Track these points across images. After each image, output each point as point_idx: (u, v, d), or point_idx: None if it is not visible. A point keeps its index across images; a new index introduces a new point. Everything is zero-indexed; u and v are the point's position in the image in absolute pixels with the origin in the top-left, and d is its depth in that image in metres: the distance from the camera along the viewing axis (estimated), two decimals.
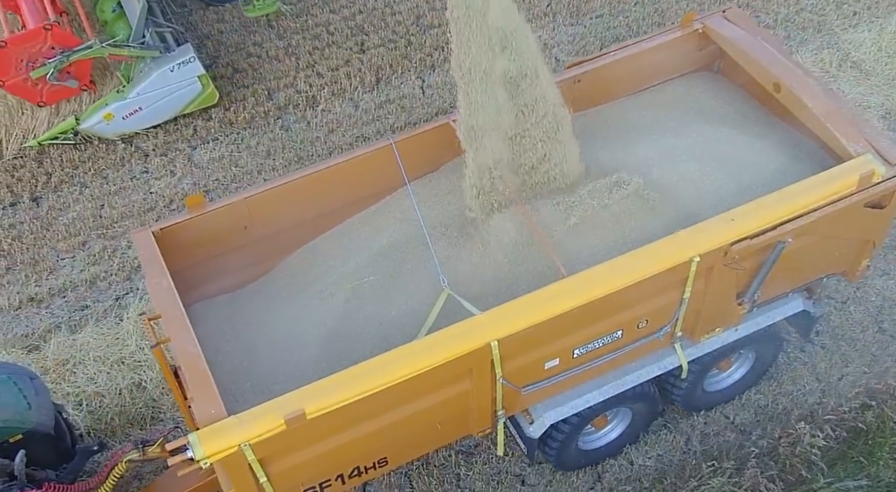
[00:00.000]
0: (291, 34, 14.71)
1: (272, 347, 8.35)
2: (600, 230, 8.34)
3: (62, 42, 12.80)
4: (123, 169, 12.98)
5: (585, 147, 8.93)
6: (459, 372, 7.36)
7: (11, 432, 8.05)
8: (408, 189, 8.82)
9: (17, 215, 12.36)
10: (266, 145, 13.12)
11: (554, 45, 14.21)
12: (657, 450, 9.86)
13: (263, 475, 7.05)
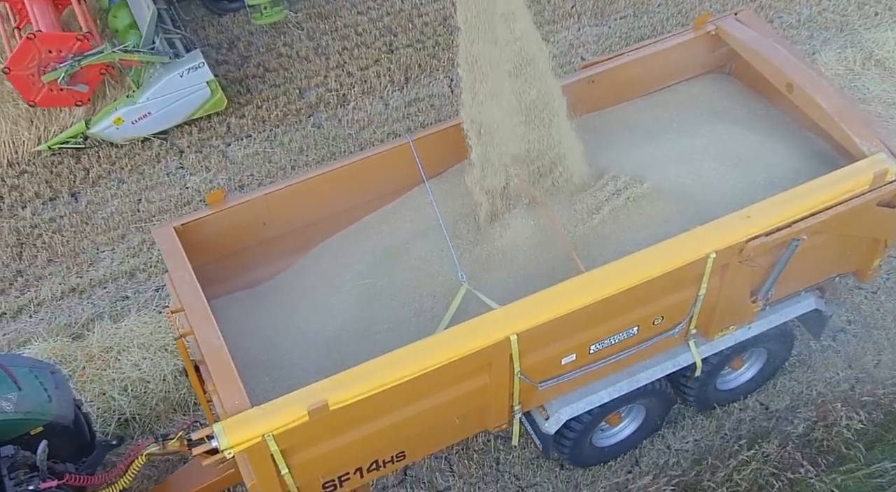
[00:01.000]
0: (321, 35, 14.90)
1: (291, 342, 8.43)
2: (616, 227, 8.43)
3: (53, 44, 12.84)
4: (159, 165, 13.16)
5: (600, 146, 9.06)
6: (478, 366, 7.44)
7: (32, 424, 8.11)
8: (425, 187, 8.91)
9: (57, 210, 12.58)
10: (299, 142, 13.29)
11: (579, 45, 14.40)
12: (693, 435, 9.98)
13: (285, 467, 7.12)
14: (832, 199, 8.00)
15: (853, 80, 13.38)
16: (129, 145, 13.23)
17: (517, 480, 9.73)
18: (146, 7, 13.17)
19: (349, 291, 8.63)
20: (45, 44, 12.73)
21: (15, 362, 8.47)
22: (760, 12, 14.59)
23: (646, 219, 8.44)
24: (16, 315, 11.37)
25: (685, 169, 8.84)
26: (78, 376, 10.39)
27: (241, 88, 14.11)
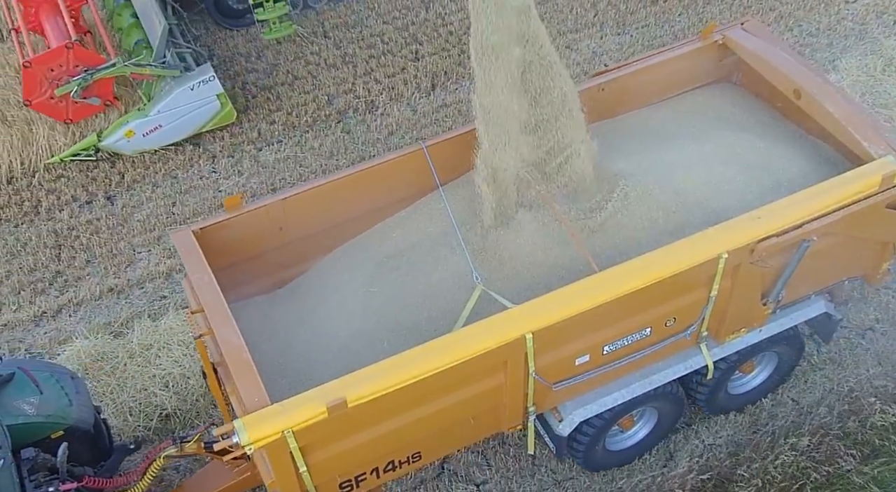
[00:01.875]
0: (348, 44, 15.19)
1: (307, 346, 8.49)
2: (627, 228, 8.51)
3: (85, 60, 13.09)
4: (192, 169, 13.42)
5: (611, 151, 9.15)
6: (494, 364, 7.51)
7: (53, 428, 8.18)
8: (439, 192, 9.01)
9: (94, 212, 12.86)
10: (329, 147, 13.55)
11: (602, 53, 14.66)
12: (727, 430, 10.06)
13: (303, 465, 7.17)
14: (841, 200, 8.10)
15: (874, 85, 13.63)
16: (162, 150, 13.54)
17: (553, 474, 9.83)
18: (157, 22, 13.37)
19: (364, 296, 8.69)
20: (42, 65, 12.96)
21: (36, 367, 8.57)
22: (780, 21, 14.92)
23: (655, 221, 8.50)
24: (56, 314, 11.63)
25: (694, 173, 8.94)
26: (119, 372, 10.62)
27: (271, 95, 14.37)
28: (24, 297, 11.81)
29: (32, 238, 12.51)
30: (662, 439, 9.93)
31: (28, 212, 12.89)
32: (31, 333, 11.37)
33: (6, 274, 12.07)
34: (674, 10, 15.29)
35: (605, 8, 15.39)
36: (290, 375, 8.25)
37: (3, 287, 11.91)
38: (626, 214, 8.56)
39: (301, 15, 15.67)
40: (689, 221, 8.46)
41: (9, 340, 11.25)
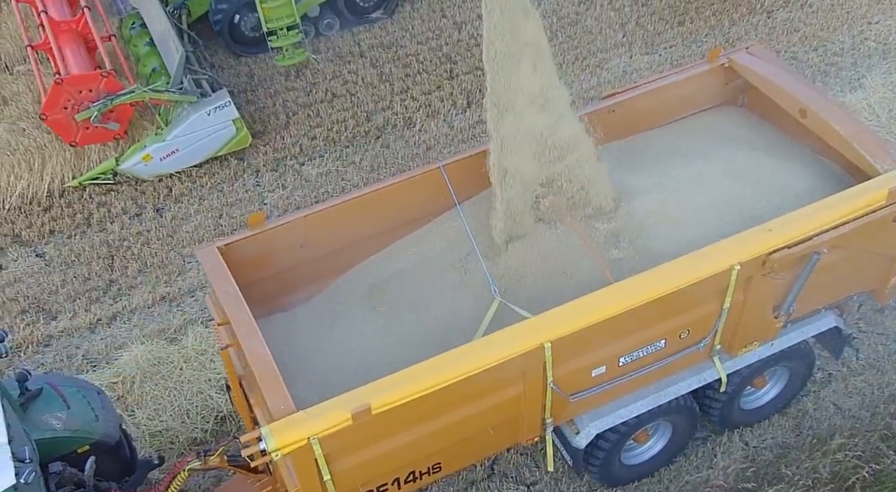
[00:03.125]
0: (384, 63, 15.56)
1: (328, 360, 8.59)
2: (642, 243, 8.62)
3: (113, 90, 13.31)
4: (237, 183, 13.78)
5: (623, 171, 9.33)
6: (513, 374, 7.59)
7: (80, 443, 8.25)
8: (455, 211, 9.15)
9: (143, 224, 13.20)
10: (369, 161, 13.88)
11: (632, 72, 14.99)
12: (770, 433, 10.19)
13: (328, 473, 7.23)
14: (850, 213, 8.22)
15: None
16: (208, 164, 13.90)
17: None
18: (174, 49, 13.63)
19: (384, 311, 8.80)
20: (73, 86, 13.21)
21: (64, 382, 8.65)
22: (805, 41, 15.29)
23: (669, 234, 8.62)
24: (110, 321, 11.90)
25: (704, 189, 9.08)
26: (176, 376, 10.82)
27: (311, 112, 14.73)
28: (80, 305, 12.11)
29: (85, 249, 12.83)
30: (677, 454, 9.97)
31: (80, 224, 13.22)
32: (88, 340, 11.67)
33: (62, 283, 12.37)
34: (700, 31, 15.67)
35: (634, 29, 15.78)
36: (311, 388, 8.30)
37: (59, 296, 12.23)
38: (639, 228, 8.70)
39: (327, 38, 16.17)
40: (701, 234, 8.55)
41: (66, 346, 11.57)
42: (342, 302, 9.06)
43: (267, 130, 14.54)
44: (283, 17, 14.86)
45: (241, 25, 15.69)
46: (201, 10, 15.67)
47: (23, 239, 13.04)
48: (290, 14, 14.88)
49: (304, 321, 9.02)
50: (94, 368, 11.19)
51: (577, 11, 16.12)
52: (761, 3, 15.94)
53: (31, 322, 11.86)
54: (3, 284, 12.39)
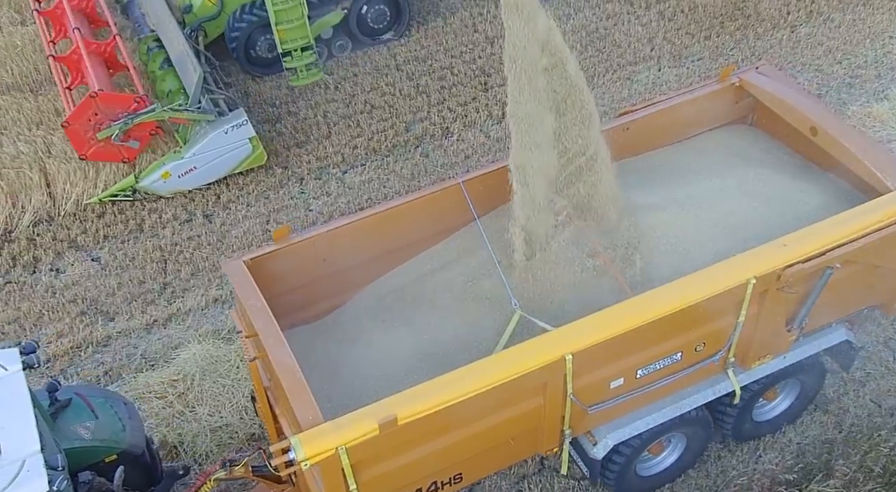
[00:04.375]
0: (420, 76, 15.78)
1: (350, 373, 8.60)
2: (658, 258, 8.65)
3: (112, 105, 13.41)
4: (282, 190, 13.95)
5: (638, 187, 9.38)
6: (535, 385, 7.62)
7: (108, 452, 8.26)
8: (474, 225, 9.18)
9: (194, 230, 13.38)
10: (409, 170, 14.08)
11: (661, 84, 15.18)
12: (813, 430, 10.28)
13: (354, 483, 7.23)
14: (862, 229, 8.27)
15: None
16: (254, 173, 14.13)
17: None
18: (193, 69, 13.70)
19: (405, 324, 8.82)
20: (105, 103, 13.30)
21: (92, 393, 8.68)
22: (829, 54, 15.47)
23: (687, 250, 8.65)
24: (166, 323, 12.07)
25: (719, 205, 9.12)
26: (233, 374, 10.95)
27: (351, 123, 14.95)
28: (136, 306, 12.29)
29: (139, 253, 13.07)
30: (691, 465, 9.95)
31: (133, 229, 13.43)
32: (145, 340, 11.85)
33: (118, 286, 12.59)
34: (726, 45, 15.86)
35: (661, 43, 16.00)
36: (335, 400, 8.33)
37: (116, 298, 12.42)
38: (656, 243, 8.73)
39: (352, 55, 16.37)
40: (716, 249, 8.60)
41: (125, 346, 11.77)
42: (363, 315, 9.07)
43: (309, 139, 14.75)
44: (297, 38, 15.02)
45: (257, 47, 15.80)
46: (217, 31, 15.79)
47: (78, 244, 13.24)
48: (305, 36, 15.04)
49: (326, 334, 9.03)
50: (153, 367, 11.41)
51: (606, 26, 16.42)
52: (784, 18, 16.21)
53: (89, 323, 12.09)
54: (62, 286, 12.62)
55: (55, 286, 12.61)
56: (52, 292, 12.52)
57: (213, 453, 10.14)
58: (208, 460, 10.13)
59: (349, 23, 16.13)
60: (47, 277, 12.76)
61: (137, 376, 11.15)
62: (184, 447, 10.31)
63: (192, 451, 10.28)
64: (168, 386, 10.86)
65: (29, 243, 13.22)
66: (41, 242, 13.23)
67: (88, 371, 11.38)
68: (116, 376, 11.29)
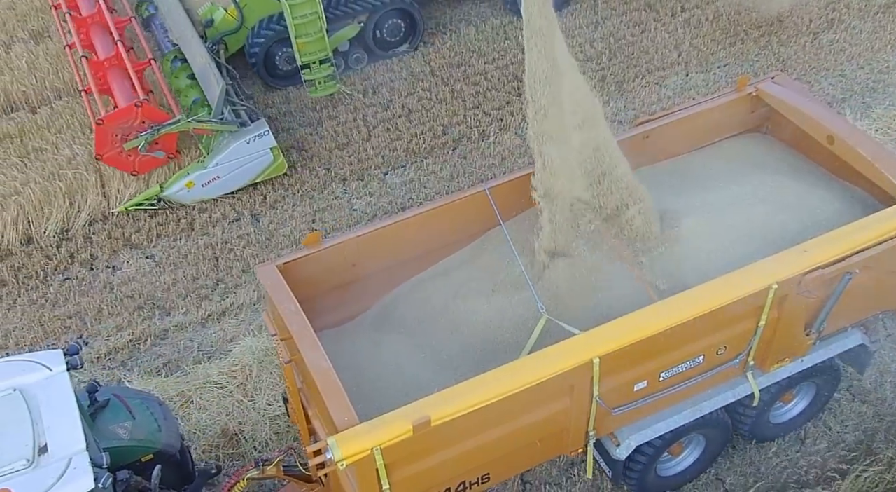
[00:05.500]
0: (455, 81, 15.94)
1: (377, 377, 8.62)
2: (681, 264, 8.68)
3: (152, 117, 13.51)
4: (326, 191, 14.13)
5: (659, 194, 9.38)
6: (563, 388, 7.65)
7: (144, 451, 8.32)
8: (497, 231, 9.22)
9: (243, 229, 13.59)
10: (448, 171, 14.27)
11: (690, 88, 15.36)
12: (852, 420, 10.40)
13: (387, 483, 7.25)
14: (881, 235, 8.30)
15: None
16: (298, 174, 14.35)
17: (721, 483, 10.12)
18: (215, 82, 13.78)
19: (431, 328, 8.85)
20: (112, 123, 13.36)
21: (129, 394, 8.74)
22: (852, 60, 15.61)
23: (709, 256, 8.68)
24: (220, 317, 12.28)
25: (738, 212, 9.15)
26: None
27: (390, 126, 15.12)
28: (191, 301, 12.51)
29: (191, 251, 13.24)
30: (709, 466, 9.97)
31: (184, 228, 13.62)
32: (200, 334, 12.05)
33: (172, 282, 12.81)
34: (751, 51, 16.01)
35: (688, 49, 16.15)
36: (363, 402, 8.33)
37: (171, 293, 12.65)
38: (678, 249, 8.76)
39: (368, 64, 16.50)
40: (737, 255, 8.62)
41: (181, 340, 11.99)
42: (389, 319, 9.12)
43: (350, 142, 14.92)
44: (316, 51, 15.11)
45: (276, 59, 15.88)
46: (237, 45, 15.89)
47: (133, 242, 13.48)
48: (323, 48, 15.12)
49: (353, 337, 9.07)
50: (210, 358, 11.60)
51: (633, 33, 16.59)
52: (807, 25, 16.35)
53: (147, 317, 12.34)
54: (118, 282, 12.87)
55: (112, 282, 12.87)
56: (110, 288, 12.79)
57: (272, 442, 10.27)
58: (268, 447, 10.26)
59: (365, 36, 16.21)
60: (104, 274, 13.02)
61: (196, 368, 11.39)
62: (244, 436, 10.50)
63: (252, 439, 10.45)
64: (227, 377, 11.13)
65: (85, 242, 13.47)
66: (97, 240, 13.48)
67: (148, 363, 11.67)
68: (175, 367, 11.53)
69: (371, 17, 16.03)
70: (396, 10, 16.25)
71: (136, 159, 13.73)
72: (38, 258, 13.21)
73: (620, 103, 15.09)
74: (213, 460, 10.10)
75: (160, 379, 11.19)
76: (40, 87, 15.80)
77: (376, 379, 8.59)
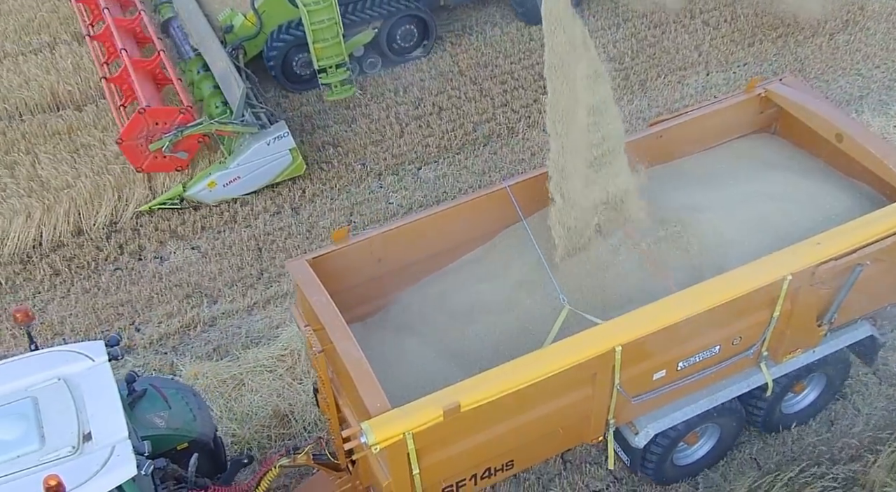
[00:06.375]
0: (482, 80, 16.31)
1: (402, 369, 8.72)
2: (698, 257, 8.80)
3: (160, 116, 13.75)
4: (362, 185, 14.49)
5: (674, 191, 9.55)
6: (586, 375, 7.79)
7: (180, 440, 8.46)
8: (517, 227, 9.35)
9: (284, 221, 13.92)
10: (480, 166, 14.58)
11: (711, 87, 15.64)
12: (879, 402, 10.59)
13: (417, 467, 7.38)
14: (891, 228, 8.41)
15: None
16: (335, 169, 14.71)
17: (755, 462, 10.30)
18: (236, 85, 13.97)
19: (454, 321, 8.97)
20: (153, 117, 13.62)
21: (165, 384, 8.86)
22: (867, 60, 15.95)
23: (725, 250, 8.80)
24: (265, 305, 12.58)
25: (751, 207, 9.29)
26: None
27: (422, 123, 15.46)
28: (237, 290, 12.84)
29: (235, 242, 13.61)
30: (723, 456, 10.08)
31: (227, 221, 13.96)
32: (247, 321, 12.36)
33: (218, 272, 13.14)
34: (769, 51, 16.33)
35: (708, 50, 16.48)
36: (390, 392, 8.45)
37: (218, 282, 12.98)
38: (695, 243, 8.88)
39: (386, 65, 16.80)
40: (751, 248, 8.74)
41: (229, 326, 12.32)
42: (414, 312, 9.23)
43: (384, 138, 15.26)
44: (332, 56, 15.35)
45: (293, 64, 16.07)
46: (256, 50, 16.12)
47: (179, 234, 13.79)
48: (340, 53, 15.34)
49: (379, 330, 9.19)
50: (258, 344, 11.88)
51: (655, 34, 16.94)
52: (822, 27, 16.68)
53: (195, 305, 12.64)
54: (166, 272, 13.21)
55: (160, 272, 13.21)
56: (159, 278, 13.13)
57: (321, 422, 10.41)
58: (317, 428, 10.45)
59: (379, 42, 16.42)
60: (153, 264, 13.36)
61: (245, 352, 11.63)
62: (294, 416, 10.75)
63: (302, 419, 10.71)
64: (276, 361, 11.38)
65: (133, 234, 13.84)
66: (144, 232, 13.83)
67: (198, 348, 11.96)
68: (225, 352, 11.80)
69: (385, 23, 16.27)
70: (410, 17, 16.51)
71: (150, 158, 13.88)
72: (88, 249, 13.56)
73: (644, 101, 15.41)
74: (265, 439, 10.41)
75: (212, 363, 11.49)
76: (84, 86, 16.19)
77: (400, 371, 8.69)
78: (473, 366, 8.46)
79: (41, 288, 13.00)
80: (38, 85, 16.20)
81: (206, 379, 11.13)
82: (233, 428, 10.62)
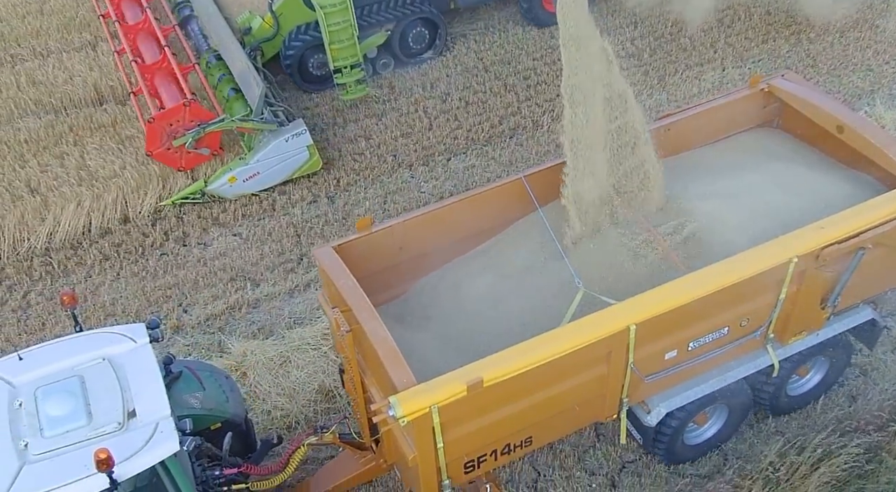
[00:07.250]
0: (506, 76, 16.73)
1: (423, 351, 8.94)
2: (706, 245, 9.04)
3: (198, 116, 14.09)
4: (395, 175, 14.88)
5: (682, 182, 9.81)
6: (601, 354, 8.04)
7: (214, 420, 8.70)
8: (532, 217, 9.61)
9: (320, 209, 14.34)
10: (506, 157, 14.95)
11: (727, 82, 16.03)
12: None
13: (441, 441, 7.62)
14: (892, 213, 8.65)
15: None
16: (367, 159, 15.15)
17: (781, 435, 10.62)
18: (255, 84, 14.30)
19: (474, 305, 9.22)
20: (162, 121, 13.94)
21: (199, 367, 9.12)
22: (878, 56, 16.34)
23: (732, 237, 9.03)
24: (306, 288, 12.98)
25: (755, 197, 9.55)
26: None
27: (450, 117, 15.89)
28: (278, 274, 13.22)
29: (275, 229, 13.99)
30: (730, 436, 10.30)
31: (267, 209, 14.36)
32: (289, 303, 12.73)
33: (260, 257, 13.55)
34: (782, 48, 16.75)
35: (723, 47, 16.91)
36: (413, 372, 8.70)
37: (260, 267, 13.38)
38: (703, 231, 9.11)
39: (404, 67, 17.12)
40: (757, 234, 8.96)
41: (272, 308, 12.69)
42: (434, 298, 9.48)
43: (413, 131, 15.63)
44: (348, 56, 15.60)
45: (309, 65, 16.39)
46: (273, 51, 16.42)
47: (220, 222, 14.19)
48: (355, 54, 15.61)
49: (400, 315, 9.42)
50: (301, 324, 12.22)
51: (671, 32, 17.36)
52: (833, 24, 17.07)
53: (239, 288, 13.04)
54: (210, 257, 13.61)
55: (205, 257, 13.59)
56: (203, 262, 13.50)
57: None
58: None
59: (392, 43, 16.73)
60: (197, 250, 13.77)
61: (290, 332, 11.95)
62: (339, 392, 11.04)
63: (346, 395, 10.76)
64: (321, 339, 11.67)
65: (177, 221, 14.22)
66: (188, 219, 14.22)
67: (244, 328, 12.36)
68: (269, 332, 12.16)
69: (398, 25, 16.59)
70: (421, 20, 16.82)
71: (182, 156, 14.24)
72: (135, 235, 13.98)
73: (663, 95, 15.79)
74: (312, 413, 10.78)
75: (258, 342, 11.83)
76: (125, 81, 16.45)
77: (426, 352, 8.92)
78: (491, 349, 8.66)
79: (92, 272, 13.43)
80: (81, 81, 16.70)
81: (253, 356, 11.48)
82: (282, 402, 10.99)
